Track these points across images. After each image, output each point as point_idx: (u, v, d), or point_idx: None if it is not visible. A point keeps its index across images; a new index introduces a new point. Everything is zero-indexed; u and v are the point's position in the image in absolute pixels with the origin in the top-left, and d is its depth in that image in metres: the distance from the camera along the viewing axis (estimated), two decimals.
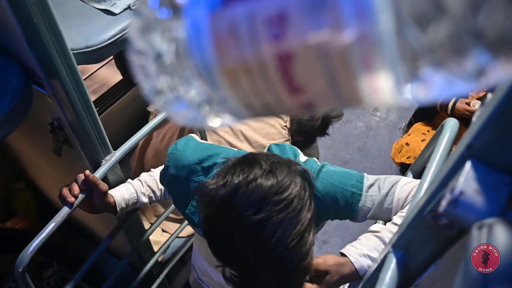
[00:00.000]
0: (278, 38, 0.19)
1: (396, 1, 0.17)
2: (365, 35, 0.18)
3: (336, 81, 0.20)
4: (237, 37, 0.20)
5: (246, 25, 0.20)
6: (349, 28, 0.18)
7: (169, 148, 0.86)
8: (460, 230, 0.37)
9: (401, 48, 0.18)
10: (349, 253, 0.74)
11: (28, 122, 0.92)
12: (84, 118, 0.88)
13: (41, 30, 0.70)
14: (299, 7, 0.19)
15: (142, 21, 0.24)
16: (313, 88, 0.20)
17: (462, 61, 0.17)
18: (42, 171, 1.61)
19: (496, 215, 0.31)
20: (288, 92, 0.21)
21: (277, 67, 0.20)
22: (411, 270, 0.47)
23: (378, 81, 0.19)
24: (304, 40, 0.19)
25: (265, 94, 0.21)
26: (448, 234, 0.39)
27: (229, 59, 0.21)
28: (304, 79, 0.20)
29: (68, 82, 0.80)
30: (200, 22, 0.21)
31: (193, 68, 0.22)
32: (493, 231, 0.30)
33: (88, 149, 0.97)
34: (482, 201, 0.32)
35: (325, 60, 0.19)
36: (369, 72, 0.19)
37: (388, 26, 0.18)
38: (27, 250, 0.83)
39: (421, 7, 0.17)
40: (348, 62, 0.19)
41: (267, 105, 0.22)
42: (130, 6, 0.92)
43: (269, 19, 0.19)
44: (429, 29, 0.17)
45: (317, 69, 0.19)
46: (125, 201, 0.97)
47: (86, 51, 0.85)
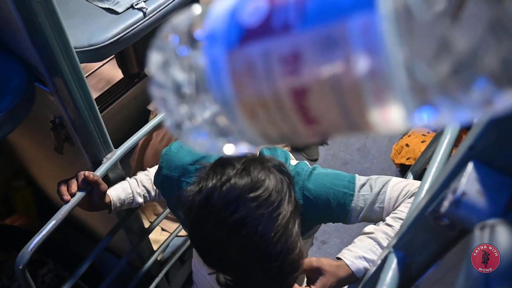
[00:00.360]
0: (292, 75, 0.20)
1: (405, 40, 0.18)
2: (375, 71, 0.19)
3: (349, 113, 0.21)
4: (254, 74, 0.21)
5: (262, 63, 0.21)
6: (359, 64, 0.19)
7: (163, 149, 0.87)
8: (462, 230, 0.37)
9: (411, 82, 0.19)
10: (345, 256, 0.74)
11: (30, 120, 0.92)
12: (86, 116, 0.89)
13: (45, 28, 0.70)
14: (311, 45, 0.20)
15: (162, 56, 0.25)
16: (327, 119, 0.21)
17: (468, 92, 0.18)
18: (42, 168, 1.61)
19: (498, 216, 0.31)
20: (303, 123, 0.22)
21: (292, 101, 0.21)
22: (412, 271, 0.48)
23: (389, 112, 0.20)
24: (317, 76, 0.20)
25: (281, 125, 0.23)
26: (449, 234, 0.39)
27: (247, 94, 0.22)
28: (318, 112, 0.21)
29: (70, 80, 0.80)
30: (218, 59, 0.22)
31: (212, 101, 0.23)
32: (495, 232, 0.30)
33: (89, 147, 0.97)
34: (484, 202, 0.32)
35: (338, 94, 0.20)
36: (380, 105, 0.20)
37: (397, 62, 0.18)
38: (28, 247, 0.83)
39: (429, 46, 0.18)
40: (359, 96, 0.20)
41: (283, 135, 0.24)
42: (133, 5, 0.93)
43: (283, 57, 0.20)
44: (436, 66, 0.18)
45: (330, 103, 0.20)
46: (121, 201, 0.98)
47: (89, 50, 0.85)
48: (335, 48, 0.19)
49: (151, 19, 0.94)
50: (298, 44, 0.20)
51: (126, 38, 0.90)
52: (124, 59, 1.61)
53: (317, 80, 0.20)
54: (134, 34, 0.91)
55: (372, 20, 0.18)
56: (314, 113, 0.21)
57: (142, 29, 0.93)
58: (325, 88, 0.20)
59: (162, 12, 0.96)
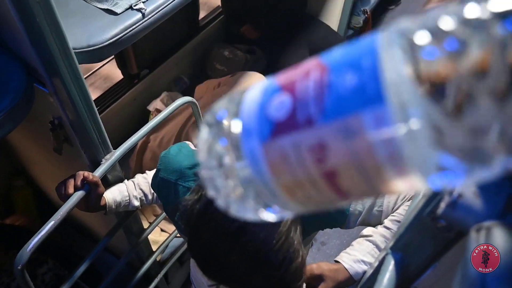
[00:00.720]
0: (321, 162, 0.24)
1: (427, 126, 0.20)
2: (392, 155, 0.21)
3: (375, 186, 0.24)
4: (288, 162, 0.25)
5: (293, 153, 0.24)
6: (377, 150, 0.22)
7: (162, 152, 0.87)
8: (459, 232, 0.37)
9: (430, 161, 0.21)
10: (343, 260, 0.73)
11: (29, 120, 0.92)
12: (84, 117, 0.89)
13: (44, 29, 0.70)
14: (334, 136, 0.23)
15: (208, 142, 0.29)
16: (357, 191, 0.25)
17: (489, 167, 0.20)
18: (42, 169, 1.61)
19: (494, 218, 0.31)
20: (336, 196, 0.25)
21: (325, 182, 0.24)
22: (409, 272, 0.48)
23: (411, 181, 0.23)
24: (342, 161, 0.23)
25: (317, 199, 0.26)
26: (446, 236, 0.39)
27: (284, 179, 0.25)
28: (349, 187, 0.24)
29: (69, 81, 0.80)
30: (255, 150, 0.26)
31: (254, 184, 0.27)
32: (491, 234, 0.30)
33: (88, 148, 0.97)
34: (480, 204, 0.32)
35: (363, 174, 0.23)
36: (401, 178, 0.22)
37: (413, 147, 0.21)
38: (27, 247, 0.83)
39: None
40: (382, 174, 0.23)
41: (320, 204, 0.27)
42: (132, 6, 0.93)
43: (311, 148, 0.24)
44: (455, 151, 0.20)
45: (358, 180, 0.23)
46: (116, 203, 0.98)
47: (88, 50, 0.85)
48: (354, 137, 0.22)
49: (150, 20, 0.94)
50: (322, 136, 0.23)
51: (125, 39, 0.90)
52: (124, 60, 1.61)
53: (343, 164, 0.23)
54: (133, 35, 0.91)
55: (382, 112, 0.21)
56: (345, 188, 0.24)
57: (141, 30, 0.93)
58: (351, 170, 0.23)
59: (161, 13, 0.96)
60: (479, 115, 0.19)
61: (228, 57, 1.94)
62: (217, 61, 1.96)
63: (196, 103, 1.14)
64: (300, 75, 0.25)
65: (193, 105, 1.14)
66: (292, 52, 1.98)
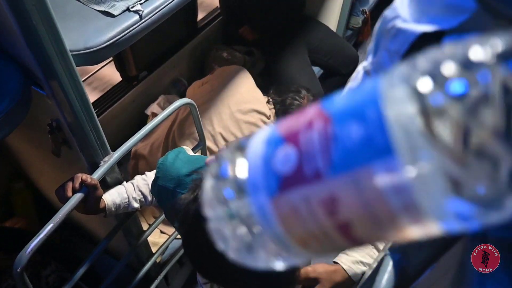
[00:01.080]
0: (333, 214, 0.23)
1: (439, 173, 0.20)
2: (406, 205, 0.21)
3: (391, 233, 0.23)
4: (299, 216, 0.24)
5: (304, 207, 0.23)
6: (391, 202, 0.21)
7: (160, 159, 0.87)
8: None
9: (445, 208, 0.21)
10: (342, 261, 0.73)
11: (27, 123, 0.92)
12: (82, 119, 0.89)
13: (40, 31, 0.70)
14: (344, 189, 0.22)
15: (213, 197, 0.28)
16: (372, 238, 0.24)
17: (501, 210, 0.20)
18: (41, 171, 1.61)
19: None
20: (350, 244, 0.25)
21: (338, 233, 0.24)
22: (408, 273, 0.47)
23: (426, 227, 0.22)
24: (355, 212, 0.22)
25: (331, 247, 0.26)
26: (445, 237, 0.39)
27: (296, 232, 0.25)
28: (363, 235, 0.24)
29: (66, 83, 0.80)
30: (264, 206, 0.25)
31: (265, 237, 0.26)
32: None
33: (87, 150, 0.97)
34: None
35: (378, 223, 0.22)
36: (418, 225, 0.22)
37: (430, 196, 0.20)
38: (25, 250, 0.83)
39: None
40: (397, 222, 0.22)
41: (333, 250, 0.27)
42: (129, 7, 0.92)
43: (322, 201, 0.23)
44: (470, 198, 0.20)
45: (372, 229, 0.23)
46: (116, 206, 0.98)
47: (85, 53, 0.85)
48: (366, 188, 0.21)
49: (147, 21, 0.94)
50: (332, 189, 0.22)
51: (122, 41, 0.89)
52: (122, 62, 1.61)
53: (356, 216, 0.22)
54: (130, 37, 0.91)
55: (393, 163, 0.20)
56: (360, 237, 0.24)
57: (138, 31, 0.92)
58: (365, 221, 0.22)
59: (158, 15, 0.96)
60: (492, 161, 0.19)
61: (226, 58, 1.94)
62: (216, 63, 1.96)
63: (195, 105, 1.14)
64: (303, 125, 0.25)
65: (191, 107, 1.14)
66: (291, 53, 1.98)
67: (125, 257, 1.24)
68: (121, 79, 1.72)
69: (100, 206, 0.95)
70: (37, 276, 1.51)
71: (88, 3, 0.94)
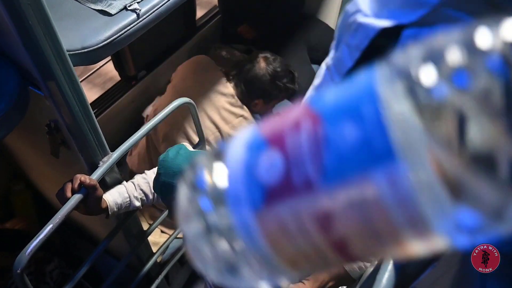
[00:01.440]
0: (327, 231, 0.20)
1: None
2: (412, 220, 0.18)
3: (392, 250, 0.21)
4: (288, 233, 0.21)
5: (293, 222, 0.20)
6: (395, 217, 0.18)
7: (161, 156, 0.86)
8: None
9: (454, 219, 0.18)
10: None
11: (25, 124, 0.92)
12: (80, 120, 0.88)
13: (36, 31, 0.70)
14: (340, 202, 0.19)
15: (188, 208, 0.24)
16: (370, 255, 0.22)
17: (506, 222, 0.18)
18: (41, 172, 1.61)
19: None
20: (346, 261, 0.22)
21: (333, 252, 0.21)
22: (409, 272, 0.47)
23: (431, 243, 0.20)
24: (353, 228, 0.20)
25: (324, 266, 0.23)
26: None
27: (285, 251, 0.21)
28: (360, 253, 0.21)
29: (64, 83, 0.80)
30: (246, 220, 0.21)
31: (249, 255, 0.23)
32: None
33: (86, 151, 0.96)
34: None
35: (378, 239, 0.20)
36: (423, 240, 0.19)
37: (439, 206, 0.18)
38: (25, 251, 0.83)
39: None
40: (401, 238, 0.19)
41: (325, 269, 0.25)
42: (126, 6, 0.92)
43: (314, 216, 0.20)
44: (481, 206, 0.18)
45: (371, 245, 0.20)
46: (118, 206, 0.98)
47: (82, 52, 0.84)
48: (364, 200, 0.19)
49: (145, 20, 0.94)
50: (325, 201, 0.20)
51: (119, 40, 0.89)
52: (121, 61, 1.61)
53: (353, 232, 0.20)
54: (128, 36, 0.91)
55: (396, 169, 0.18)
56: (357, 254, 0.21)
57: (136, 30, 0.92)
58: (363, 237, 0.20)
59: (156, 14, 0.95)
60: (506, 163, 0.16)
61: (225, 57, 1.94)
62: (215, 61, 1.96)
63: (194, 104, 1.13)
64: (289, 126, 0.21)
65: (191, 106, 1.13)
66: (290, 51, 1.97)
67: (125, 257, 1.24)
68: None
69: (102, 207, 0.95)
70: (41, 272, 1.54)
71: (84, 2, 0.93)
